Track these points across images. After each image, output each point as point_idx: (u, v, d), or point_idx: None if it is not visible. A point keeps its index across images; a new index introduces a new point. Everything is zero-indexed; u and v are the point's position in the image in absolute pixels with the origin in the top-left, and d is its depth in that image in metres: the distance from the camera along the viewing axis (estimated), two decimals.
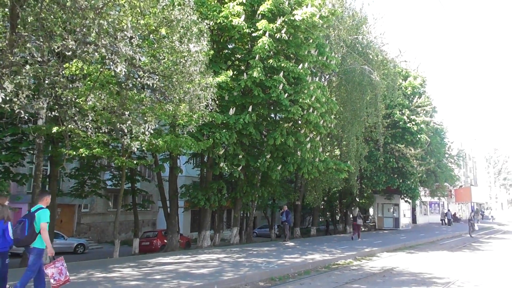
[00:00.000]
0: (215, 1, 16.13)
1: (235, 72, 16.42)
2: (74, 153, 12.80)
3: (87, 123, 8.68)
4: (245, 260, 12.91)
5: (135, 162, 14.31)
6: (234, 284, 9.47)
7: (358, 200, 32.94)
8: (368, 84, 22.51)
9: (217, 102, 13.41)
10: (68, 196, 19.42)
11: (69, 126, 9.14)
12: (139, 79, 9.01)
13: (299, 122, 18.16)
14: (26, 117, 8.63)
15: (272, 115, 19.40)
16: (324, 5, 16.95)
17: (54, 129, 11.70)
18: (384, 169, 29.58)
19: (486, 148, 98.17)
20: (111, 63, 7.38)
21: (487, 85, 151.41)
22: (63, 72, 8.12)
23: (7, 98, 6.85)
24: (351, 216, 32.45)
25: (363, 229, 33.78)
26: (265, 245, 18.37)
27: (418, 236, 25.51)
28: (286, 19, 15.93)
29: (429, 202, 50.48)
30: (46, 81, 7.74)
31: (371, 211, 41.92)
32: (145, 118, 9.37)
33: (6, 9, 7.30)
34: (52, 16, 7.11)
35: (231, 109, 15.91)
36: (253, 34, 16.08)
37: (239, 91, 16.50)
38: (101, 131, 10.61)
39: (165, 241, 19.88)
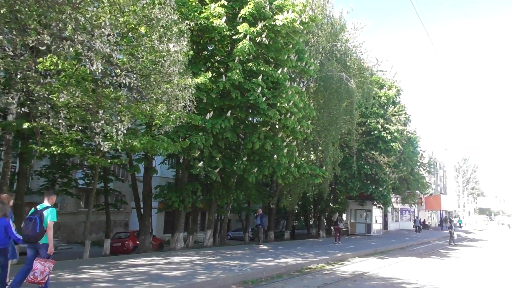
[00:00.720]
0: (196, 2, 16.01)
1: (214, 74, 16.34)
2: (46, 150, 12.41)
3: (60, 120, 8.43)
4: (218, 263, 12.81)
5: (109, 161, 14.01)
6: (207, 287, 9.37)
7: (332, 205, 33.22)
8: (345, 92, 22.79)
9: (195, 103, 13.28)
10: (38, 195, 18.80)
11: (41, 122, 8.88)
12: (115, 77, 8.84)
13: (277, 126, 18.21)
14: None
15: (250, 119, 19.38)
16: (305, 11, 17.10)
17: (25, 125, 11.30)
18: (358, 176, 30.01)
19: (456, 158, 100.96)
20: (87, 60, 7.20)
21: (459, 97, 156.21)
22: (36, 67, 7.88)
23: None
24: (324, 221, 32.79)
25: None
26: (238, 248, 18.29)
27: (389, 242, 25.93)
28: (267, 24, 15.99)
29: (400, 209, 51.47)
30: (18, 76, 7.48)
31: (344, 216, 42.38)
32: (119, 117, 9.18)
33: None
34: (26, 9, 6.88)
35: (209, 113, 15.80)
36: (234, 37, 16.06)
37: (217, 93, 16.42)
38: (74, 129, 10.34)
39: (137, 242, 19.53)
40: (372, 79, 28.54)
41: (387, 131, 30.87)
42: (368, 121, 30.55)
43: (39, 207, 7.24)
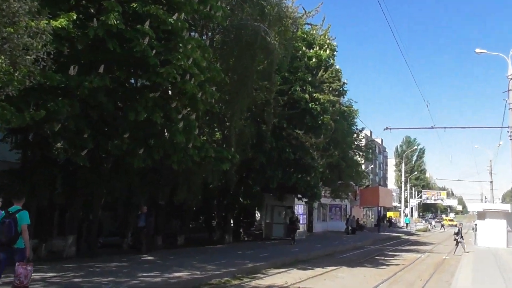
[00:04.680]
0: None
1: (81, 16, 15.72)
2: None
3: None
4: (84, 280, 12.70)
5: None
6: None
7: (242, 200, 33.59)
8: (262, 48, 23.02)
9: (52, 56, 12.73)
10: None
11: None
12: None
13: (170, 92, 18.13)
14: None
15: (133, 81, 19.03)
16: None
17: None
18: (278, 161, 30.46)
19: (399, 140, 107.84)
20: None
21: (404, 66, 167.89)
22: None
23: None
24: (231, 221, 33.46)
25: (246, 238, 35.10)
26: (113, 260, 18.17)
27: (313, 247, 27.51)
28: None
29: (329, 205, 53.84)
30: None
31: (257, 215, 43.07)
32: None
33: None
34: None
35: (72, 67, 15.22)
36: None
37: (86, 44, 15.87)
38: None
39: None
40: (299, 33, 29.31)
41: (317, 102, 31.52)
42: (292, 88, 30.85)
43: (10, 209, 9.16)
